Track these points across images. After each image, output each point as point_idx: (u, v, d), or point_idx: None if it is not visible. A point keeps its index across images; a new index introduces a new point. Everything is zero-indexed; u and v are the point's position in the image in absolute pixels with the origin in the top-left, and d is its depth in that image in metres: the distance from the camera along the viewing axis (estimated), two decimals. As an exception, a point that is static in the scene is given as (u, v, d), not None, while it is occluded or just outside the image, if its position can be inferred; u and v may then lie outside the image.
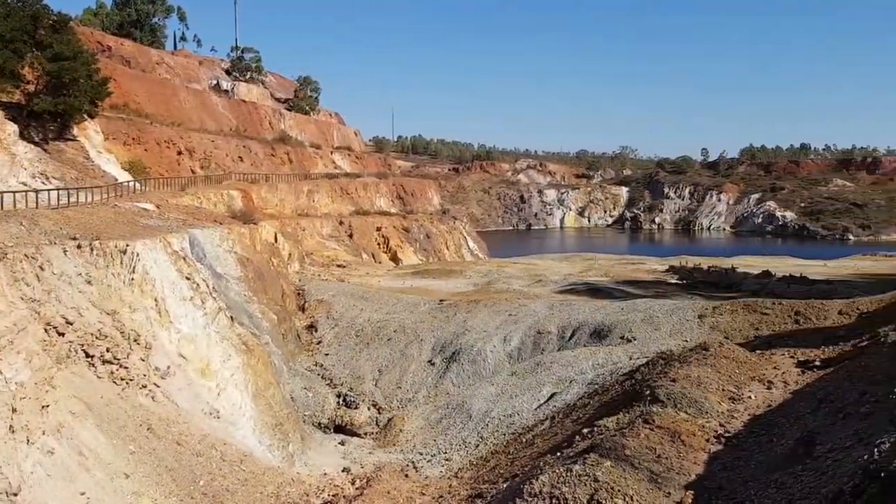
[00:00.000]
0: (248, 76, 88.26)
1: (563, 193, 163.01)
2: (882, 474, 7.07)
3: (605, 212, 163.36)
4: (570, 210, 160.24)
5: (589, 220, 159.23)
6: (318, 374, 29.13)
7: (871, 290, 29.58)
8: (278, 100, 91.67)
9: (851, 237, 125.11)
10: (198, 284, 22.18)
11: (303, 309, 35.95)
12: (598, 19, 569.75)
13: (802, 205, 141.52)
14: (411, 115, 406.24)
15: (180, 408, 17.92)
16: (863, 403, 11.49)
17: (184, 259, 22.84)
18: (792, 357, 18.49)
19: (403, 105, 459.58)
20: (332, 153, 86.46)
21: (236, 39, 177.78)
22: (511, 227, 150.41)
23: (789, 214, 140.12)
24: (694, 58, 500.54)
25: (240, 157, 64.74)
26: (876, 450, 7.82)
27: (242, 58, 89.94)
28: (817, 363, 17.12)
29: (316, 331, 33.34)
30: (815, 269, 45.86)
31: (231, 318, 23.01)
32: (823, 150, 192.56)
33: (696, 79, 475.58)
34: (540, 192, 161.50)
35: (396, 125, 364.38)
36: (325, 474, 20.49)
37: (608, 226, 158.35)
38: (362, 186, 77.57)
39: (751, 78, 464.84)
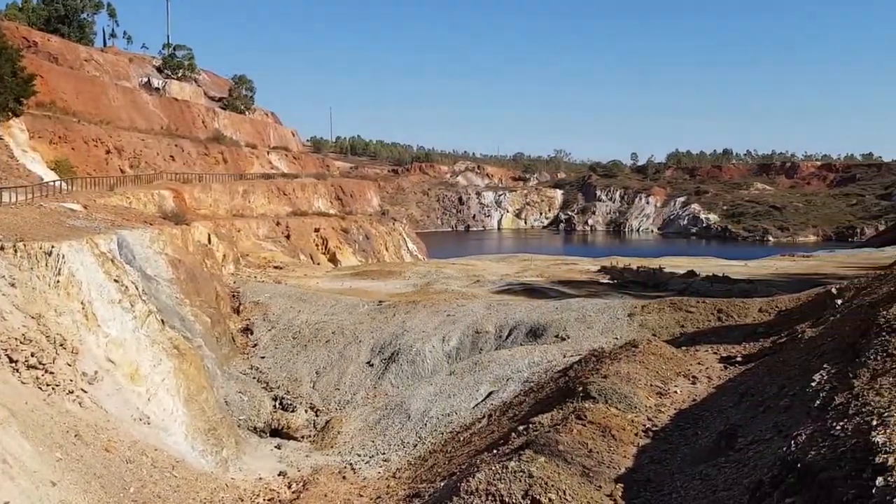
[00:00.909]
0: (180, 74, 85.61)
1: (500, 195, 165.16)
2: (798, 465, 7.34)
3: (541, 213, 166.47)
4: (508, 212, 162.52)
5: (525, 222, 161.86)
6: (254, 378, 28.60)
7: (790, 289, 30.92)
8: (212, 98, 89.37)
9: (771, 238, 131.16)
10: (127, 287, 21.51)
11: (238, 311, 35.23)
12: (530, 20, 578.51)
13: (725, 207, 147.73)
14: (350, 115, 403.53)
15: (109, 414, 17.35)
16: (782, 397, 11.93)
17: (112, 261, 22.11)
18: (715, 353, 19.21)
19: (342, 105, 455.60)
20: (268, 153, 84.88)
21: (168, 37, 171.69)
22: (450, 229, 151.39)
23: (712, 217, 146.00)
24: (629, 62, 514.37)
25: (171, 156, 62.90)
26: (793, 442, 8.13)
27: (174, 55, 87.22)
28: (739, 359, 17.81)
29: (252, 333, 32.74)
30: (737, 269, 47.73)
31: (162, 321, 22.39)
32: (745, 155, 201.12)
33: (628, 84, 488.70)
34: (478, 193, 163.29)
35: (335, 126, 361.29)
36: (260, 479, 20.18)
37: (544, 227, 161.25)
38: (300, 187, 76.49)
39: (681, 81, 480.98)
